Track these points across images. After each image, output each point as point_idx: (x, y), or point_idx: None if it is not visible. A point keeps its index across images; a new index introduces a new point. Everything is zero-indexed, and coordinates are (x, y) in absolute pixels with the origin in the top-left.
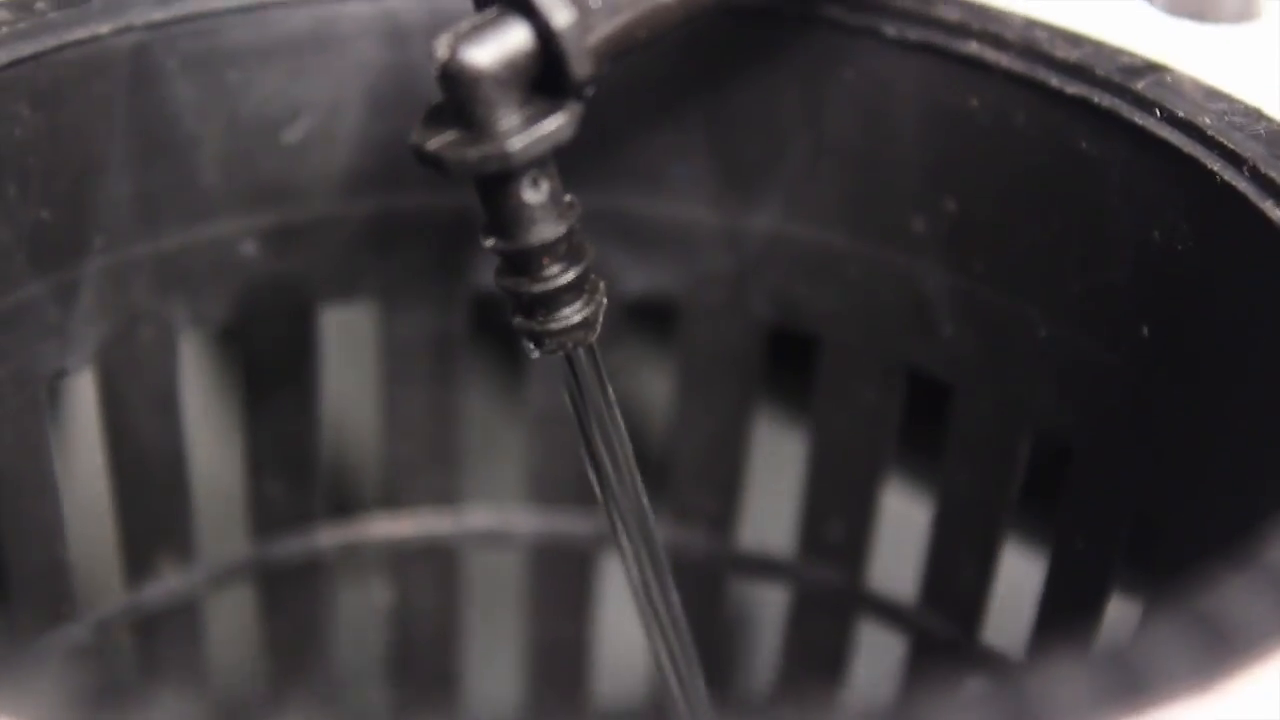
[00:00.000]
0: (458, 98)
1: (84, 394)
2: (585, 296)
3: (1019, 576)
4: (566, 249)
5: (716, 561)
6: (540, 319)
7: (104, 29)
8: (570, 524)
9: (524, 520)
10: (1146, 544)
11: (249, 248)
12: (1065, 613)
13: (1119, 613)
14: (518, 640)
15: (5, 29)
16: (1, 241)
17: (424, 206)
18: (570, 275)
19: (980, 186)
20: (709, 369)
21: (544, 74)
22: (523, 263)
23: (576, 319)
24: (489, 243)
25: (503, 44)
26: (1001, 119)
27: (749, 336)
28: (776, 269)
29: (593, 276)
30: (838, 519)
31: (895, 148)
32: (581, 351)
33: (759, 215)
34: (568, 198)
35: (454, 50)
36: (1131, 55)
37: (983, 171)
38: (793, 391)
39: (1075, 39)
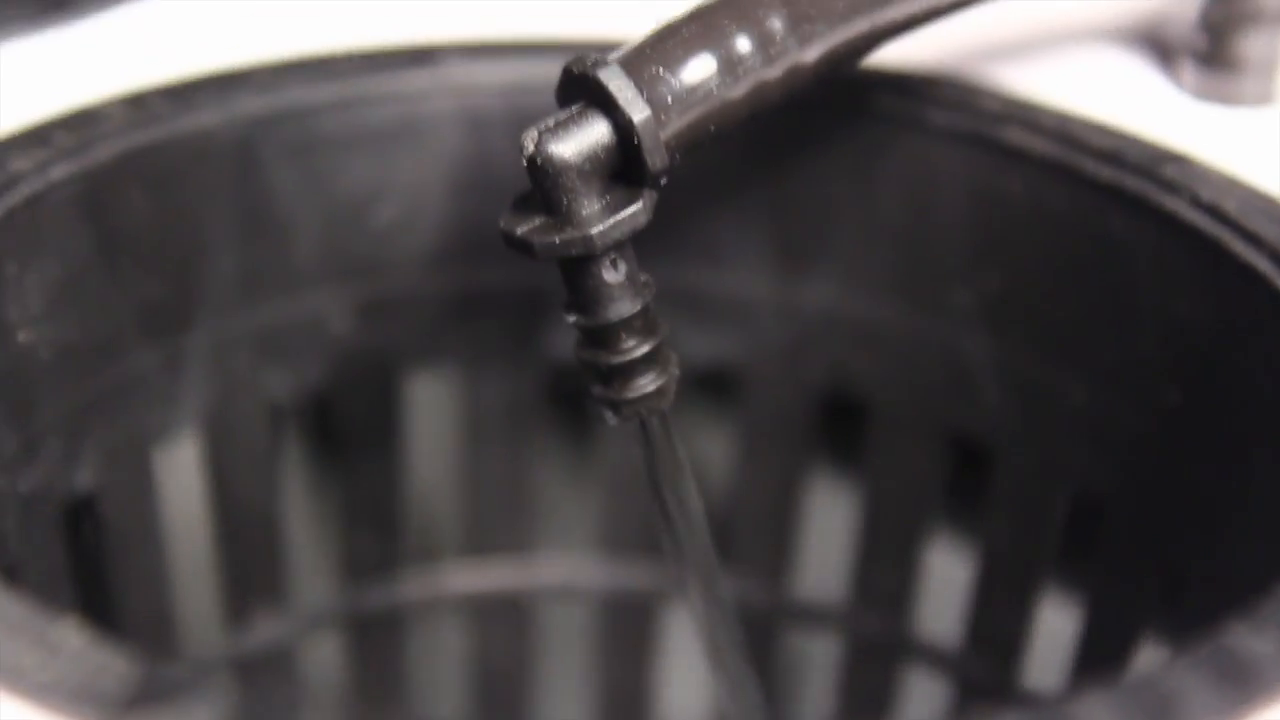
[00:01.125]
0: (544, 187)
1: (187, 454)
2: (659, 368)
3: (1058, 624)
4: (642, 324)
5: (773, 611)
6: (617, 389)
7: (210, 121)
8: (637, 577)
9: (594, 573)
10: (1176, 594)
11: (341, 321)
12: (1101, 658)
13: (1151, 658)
14: (587, 686)
15: (121, 121)
16: (116, 314)
17: (501, 283)
18: (646, 348)
19: (1020, 264)
20: (767, 432)
21: (622, 165)
22: (602, 337)
23: (651, 389)
24: (571, 319)
25: (585, 138)
26: (1039, 202)
27: (804, 402)
28: (830, 340)
29: (666, 349)
30: (886, 571)
31: (941, 228)
32: (655, 418)
33: (814, 290)
34: (643, 277)
35: (540, 144)
36: (1160, 145)
37: (1022, 250)
38: (845, 453)
39: (1107, 129)
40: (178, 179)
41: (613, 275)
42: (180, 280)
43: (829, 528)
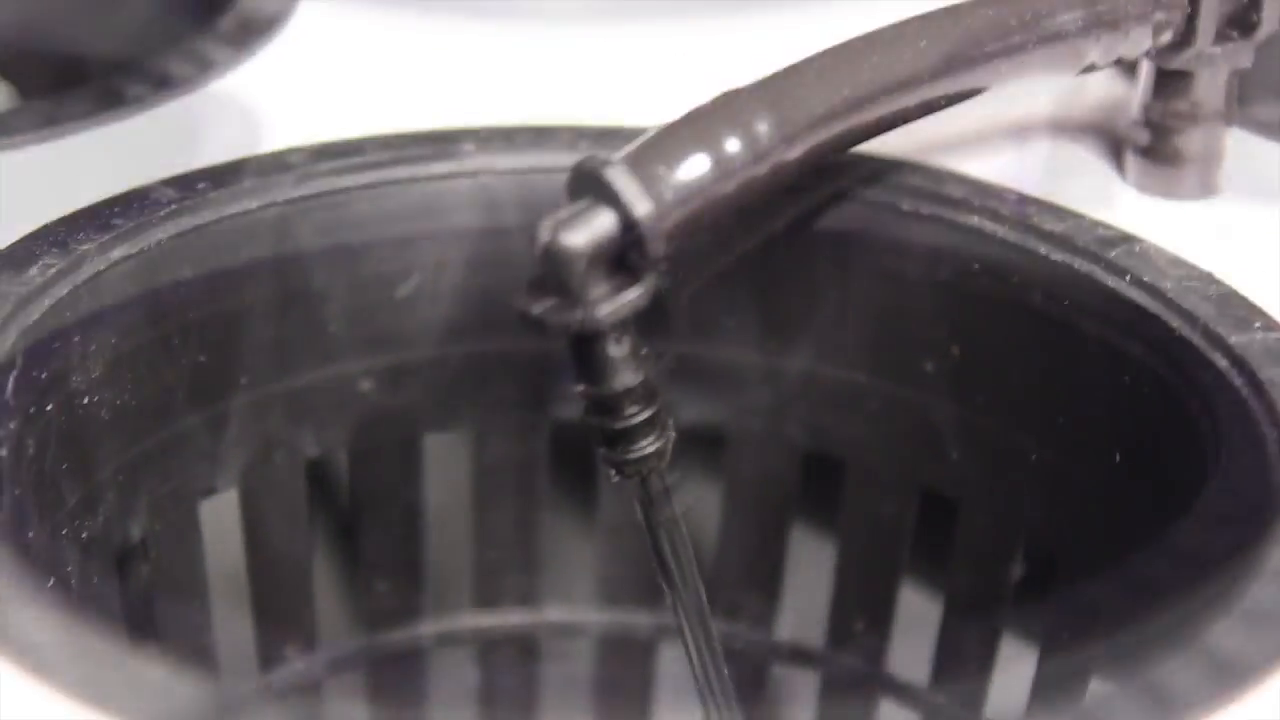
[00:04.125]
0: (556, 272)
1: (229, 506)
2: (657, 431)
3: (1016, 663)
4: (643, 393)
5: (759, 651)
6: (621, 450)
7: (253, 204)
8: (633, 619)
9: (593, 617)
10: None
11: (366, 385)
12: (1057, 695)
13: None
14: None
15: (174, 205)
16: (167, 381)
17: (510, 350)
18: (646, 414)
19: (980, 335)
20: (753, 488)
21: (626, 252)
22: (607, 404)
23: (651, 450)
24: (579, 388)
25: (593, 229)
26: (998, 280)
27: (786, 460)
28: (809, 403)
29: (663, 414)
30: (861, 614)
31: (909, 302)
32: (654, 476)
33: (795, 358)
34: (644, 350)
35: (554, 235)
36: (1107, 228)
37: (983, 323)
38: (823, 507)
39: (1060, 213)
40: (222, 256)
41: (617, 350)
42: (224, 349)
43: (810, 575)
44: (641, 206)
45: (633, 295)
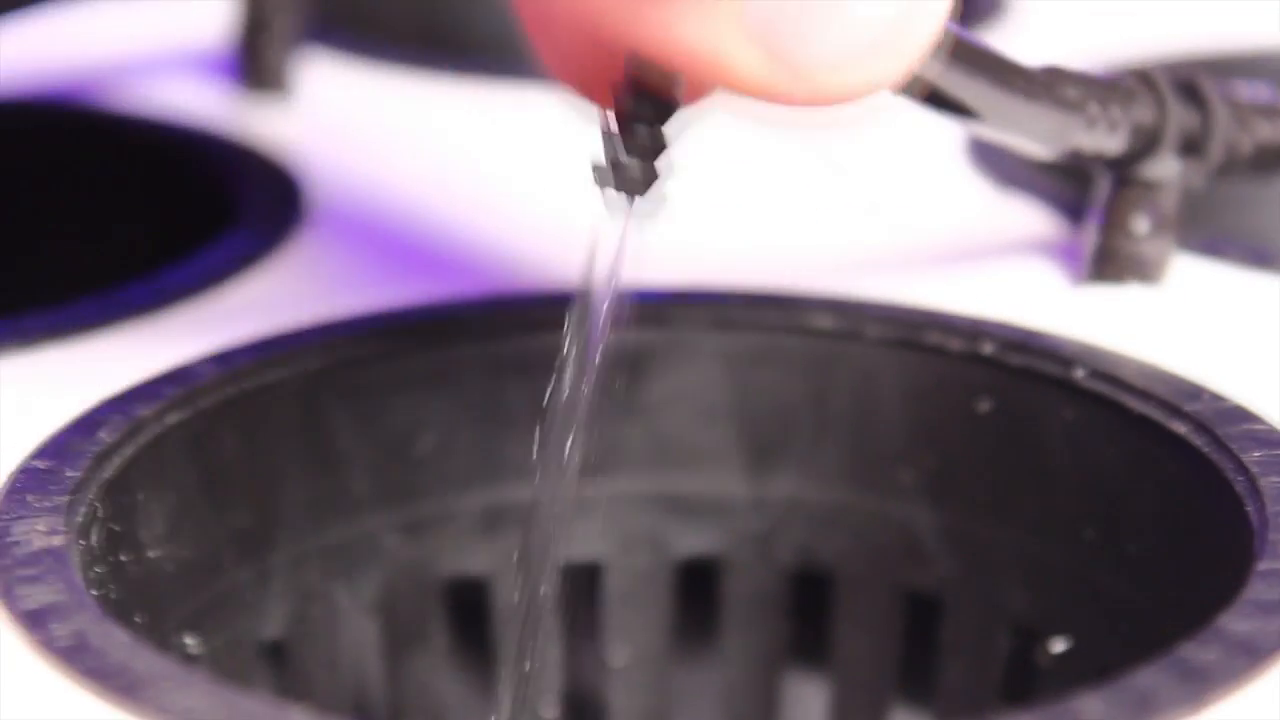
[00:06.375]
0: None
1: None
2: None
3: None
4: None
5: None
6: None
7: (284, 374)
8: None
9: None
10: None
11: (391, 539)
12: None
13: None
14: None
15: (213, 377)
16: (217, 540)
17: (516, 499)
18: None
19: (952, 445)
20: (746, 613)
21: None
22: None
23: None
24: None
25: None
26: (964, 392)
27: (777, 581)
28: (795, 525)
29: None
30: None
31: (883, 422)
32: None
33: (778, 483)
34: None
35: None
36: (1062, 331)
37: (953, 434)
38: (814, 628)
39: (1016, 327)
40: (259, 423)
41: None
42: (264, 509)
43: (803, 697)
44: None
45: None
